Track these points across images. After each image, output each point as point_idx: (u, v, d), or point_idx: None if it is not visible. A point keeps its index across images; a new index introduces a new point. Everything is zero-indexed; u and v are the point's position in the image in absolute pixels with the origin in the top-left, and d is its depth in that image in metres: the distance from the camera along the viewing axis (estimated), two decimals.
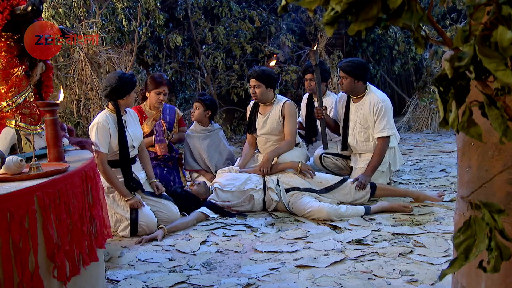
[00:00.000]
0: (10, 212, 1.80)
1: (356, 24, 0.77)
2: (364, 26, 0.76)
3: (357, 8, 0.76)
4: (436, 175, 4.72)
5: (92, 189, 2.38)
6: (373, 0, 0.75)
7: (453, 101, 0.80)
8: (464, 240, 0.77)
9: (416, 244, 2.92)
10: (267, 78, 4.09)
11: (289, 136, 4.11)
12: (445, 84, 0.80)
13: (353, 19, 0.77)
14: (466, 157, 1.84)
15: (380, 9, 0.75)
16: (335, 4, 0.75)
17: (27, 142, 2.48)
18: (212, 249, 3.10)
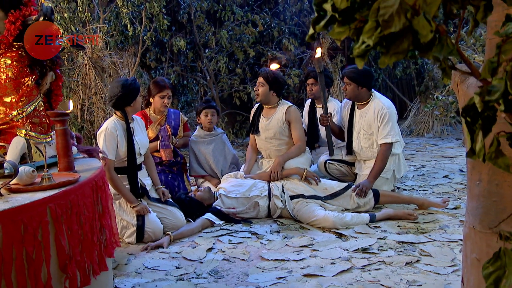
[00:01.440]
0: (23, 224, 1.81)
1: (387, 57, 0.78)
2: (394, 60, 0.77)
3: (387, 41, 0.77)
4: (440, 182, 4.74)
5: (102, 198, 2.39)
6: (404, 34, 0.76)
7: (480, 131, 0.81)
8: (494, 272, 0.78)
9: (422, 253, 2.94)
10: (274, 80, 4.10)
11: (299, 141, 4.13)
12: (472, 115, 0.81)
13: (384, 52, 0.78)
14: (476, 170, 1.85)
15: (410, 42, 0.77)
16: (367, 38, 0.76)
17: (37, 151, 2.49)
18: (219, 256, 3.11)
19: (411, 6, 0.76)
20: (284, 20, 8.02)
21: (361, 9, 0.83)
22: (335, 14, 0.81)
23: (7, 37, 2.34)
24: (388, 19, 0.75)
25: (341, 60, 7.73)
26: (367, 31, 0.77)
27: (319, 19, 0.89)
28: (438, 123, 7.92)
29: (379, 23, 0.76)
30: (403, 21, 0.75)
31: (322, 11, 0.89)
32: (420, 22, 0.75)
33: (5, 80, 2.42)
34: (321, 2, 0.89)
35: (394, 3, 0.74)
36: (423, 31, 0.75)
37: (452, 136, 7.67)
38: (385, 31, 0.75)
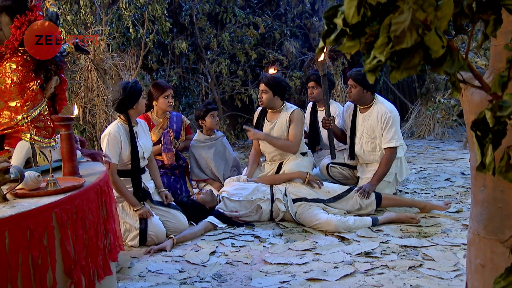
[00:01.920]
0: (30, 229, 1.82)
1: (398, 72, 0.79)
2: (406, 75, 0.78)
3: (399, 56, 0.78)
4: (441, 185, 4.74)
5: (106, 202, 2.40)
6: (415, 49, 0.77)
7: (490, 145, 0.82)
8: (506, 286, 0.79)
9: (425, 257, 2.94)
10: (276, 86, 4.10)
11: (292, 139, 4.08)
12: (482, 129, 0.82)
13: (395, 67, 0.79)
14: (481, 176, 1.85)
15: (421, 58, 0.77)
16: (379, 54, 0.77)
17: (42, 156, 2.50)
18: (222, 260, 3.11)
19: (422, 21, 0.77)
20: (285, 22, 8.03)
21: (371, 23, 0.84)
22: (346, 28, 0.82)
23: (13, 42, 2.35)
24: (400, 35, 0.75)
25: (343, 62, 7.74)
26: (378, 47, 0.78)
27: (329, 32, 0.90)
28: (439, 125, 7.93)
29: (391, 38, 0.77)
30: (415, 37, 0.75)
31: (332, 24, 0.90)
32: (432, 38, 0.76)
33: (10, 85, 2.43)
34: (331, 15, 0.89)
35: (405, 19, 0.75)
36: (434, 46, 0.76)
37: (453, 138, 7.68)
38: (397, 47, 0.76)
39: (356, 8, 0.79)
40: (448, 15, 0.79)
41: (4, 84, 2.43)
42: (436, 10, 0.78)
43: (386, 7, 0.80)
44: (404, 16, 0.75)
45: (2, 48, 2.38)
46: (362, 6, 0.80)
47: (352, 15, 0.79)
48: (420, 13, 0.77)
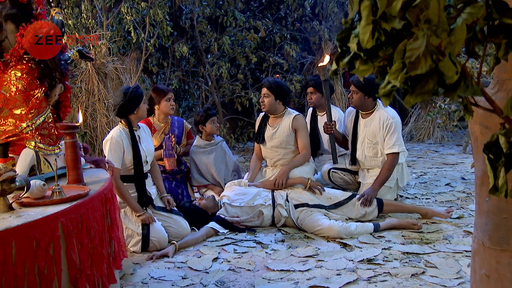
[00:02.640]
0: (36, 239, 1.83)
1: (412, 96, 0.80)
2: (420, 100, 0.79)
3: (413, 81, 0.79)
4: (442, 190, 4.76)
5: (111, 210, 2.41)
6: (430, 75, 0.78)
7: (503, 168, 0.83)
8: None
9: (427, 265, 2.95)
10: (278, 90, 4.12)
11: (304, 149, 4.14)
12: (495, 152, 0.83)
13: (409, 91, 0.80)
14: (486, 187, 1.86)
15: (436, 83, 0.78)
16: (393, 79, 0.78)
17: (46, 163, 2.50)
18: (224, 266, 3.12)
19: (436, 47, 0.78)
20: (285, 26, 8.04)
21: (384, 47, 0.85)
22: (360, 53, 0.83)
23: (18, 50, 2.36)
24: (415, 61, 0.76)
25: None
26: (393, 72, 0.79)
27: (342, 54, 0.91)
28: (439, 129, 7.95)
29: (405, 64, 0.78)
30: (430, 63, 0.76)
31: (344, 47, 0.91)
32: (446, 64, 0.77)
33: (15, 93, 2.43)
34: (344, 38, 0.90)
35: (420, 46, 0.76)
36: (448, 72, 0.77)
37: (452, 142, 7.70)
38: (412, 73, 0.77)
39: (371, 33, 0.80)
40: (461, 40, 0.80)
41: (9, 92, 2.43)
42: (450, 35, 0.79)
43: (400, 32, 0.81)
44: (419, 43, 0.76)
45: (7, 56, 2.39)
46: (377, 31, 0.81)
47: (367, 40, 0.80)
48: (434, 38, 0.78)
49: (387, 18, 0.80)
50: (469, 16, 0.83)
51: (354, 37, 0.86)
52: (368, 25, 0.79)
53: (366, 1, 0.79)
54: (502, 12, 0.85)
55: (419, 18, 0.77)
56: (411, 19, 0.78)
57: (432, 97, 0.82)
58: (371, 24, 0.79)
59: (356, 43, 0.83)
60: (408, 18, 0.78)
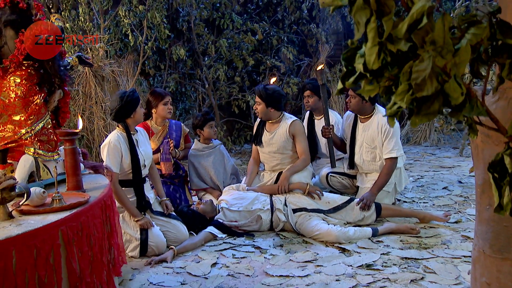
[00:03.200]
0: (36, 248, 1.83)
1: (418, 117, 0.80)
2: (426, 120, 0.80)
3: (419, 102, 0.80)
4: (439, 194, 4.77)
5: (110, 217, 2.41)
6: (435, 96, 0.78)
7: (507, 187, 0.84)
8: None
9: (426, 270, 2.96)
10: (269, 97, 4.10)
11: (304, 154, 4.15)
12: (500, 171, 0.84)
13: (415, 112, 0.81)
14: (486, 195, 1.87)
15: (441, 103, 0.79)
16: (399, 100, 0.79)
17: (45, 169, 2.50)
18: (223, 272, 3.12)
19: (442, 68, 0.78)
20: (282, 29, 8.05)
21: (389, 67, 0.85)
22: (366, 73, 0.83)
23: (17, 56, 2.36)
24: (421, 83, 0.77)
25: (340, 69, 7.77)
26: (399, 93, 0.79)
27: (348, 74, 0.91)
28: (435, 132, 7.97)
29: (411, 85, 0.79)
30: (435, 85, 0.77)
31: (350, 66, 0.92)
32: (452, 85, 0.78)
33: (14, 99, 2.43)
34: (349, 57, 0.91)
35: (426, 68, 0.77)
36: (454, 94, 0.78)
37: (449, 145, 7.72)
38: (418, 94, 0.78)
39: (377, 55, 0.80)
40: (466, 61, 0.81)
41: (8, 98, 2.43)
42: (454, 56, 0.80)
43: (405, 53, 0.82)
44: (425, 65, 0.77)
45: (6, 62, 2.39)
46: (382, 52, 0.81)
47: (373, 61, 0.80)
48: (439, 59, 0.79)
49: (393, 40, 0.80)
50: (473, 37, 0.84)
51: (359, 57, 0.86)
52: (374, 46, 0.80)
53: (372, 23, 0.80)
54: (505, 32, 0.86)
55: (425, 40, 0.78)
56: (416, 41, 0.78)
57: (437, 116, 0.82)
58: (377, 46, 0.80)
59: (362, 63, 0.83)
60: (414, 40, 0.78)
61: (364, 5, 0.80)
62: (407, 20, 0.78)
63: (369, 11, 0.80)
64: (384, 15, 0.81)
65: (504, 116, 1.55)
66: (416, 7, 0.77)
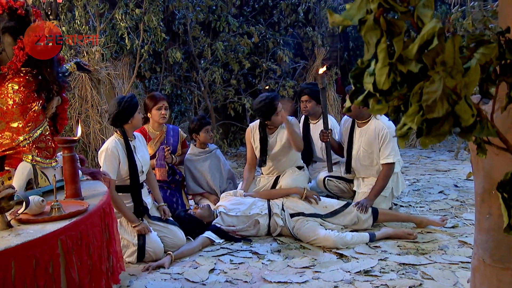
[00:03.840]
0: (35, 258, 1.81)
1: (428, 138, 0.80)
2: (436, 141, 0.80)
3: (429, 123, 0.80)
4: (435, 198, 4.78)
5: (109, 225, 2.40)
6: (446, 117, 0.78)
7: None
8: None
9: (424, 276, 2.96)
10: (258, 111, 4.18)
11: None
12: (509, 190, 0.84)
13: (425, 133, 0.80)
14: (486, 204, 1.87)
15: (452, 125, 0.79)
16: (409, 122, 0.79)
17: (43, 176, 2.48)
18: (221, 278, 3.11)
19: (452, 89, 0.78)
20: (279, 31, 8.06)
21: (398, 86, 0.85)
22: (376, 93, 0.83)
23: (16, 63, 2.34)
24: (432, 104, 0.77)
25: (336, 72, 7.78)
26: (409, 115, 0.79)
27: (356, 92, 0.91)
28: None
29: (422, 107, 0.78)
30: (446, 107, 0.77)
31: (358, 84, 0.92)
32: (462, 107, 0.78)
33: (12, 106, 2.41)
34: (357, 75, 0.91)
35: (437, 89, 0.77)
36: (465, 115, 0.78)
37: (444, 148, 7.75)
38: (428, 116, 0.77)
39: (387, 75, 0.80)
40: (476, 80, 0.81)
41: (6, 105, 2.41)
42: (464, 76, 0.80)
43: (415, 73, 0.82)
44: (436, 86, 0.77)
45: (4, 69, 2.37)
46: (392, 72, 0.81)
47: (383, 82, 0.80)
48: (449, 80, 0.79)
49: (403, 60, 0.80)
50: (482, 57, 0.84)
51: (368, 76, 0.86)
52: (385, 67, 0.80)
53: (383, 43, 0.80)
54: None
55: (435, 61, 0.78)
56: (427, 62, 0.78)
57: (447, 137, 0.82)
58: (388, 66, 0.80)
59: (372, 83, 0.83)
60: (425, 61, 0.78)
61: (374, 25, 0.80)
62: (417, 41, 0.78)
63: (380, 31, 0.80)
64: (394, 35, 0.80)
65: (504, 126, 1.56)
66: (426, 28, 0.77)
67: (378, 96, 0.84)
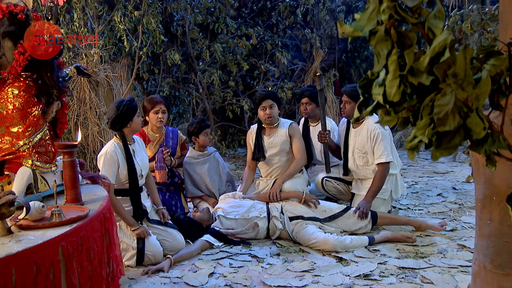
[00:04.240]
0: (36, 265, 1.80)
1: (439, 150, 0.80)
2: (447, 154, 0.79)
3: (439, 136, 0.79)
4: (434, 200, 4.79)
5: (109, 230, 2.38)
6: (457, 130, 0.78)
7: None
8: None
9: (424, 280, 2.96)
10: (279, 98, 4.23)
11: (299, 154, 4.16)
12: None
13: (435, 145, 0.80)
14: (487, 210, 1.87)
15: (463, 137, 0.79)
16: (420, 135, 0.78)
17: (43, 181, 2.47)
18: (221, 282, 3.10)
19: (464, 102, 0.78)
20: (277, 33, 8.06)
21: (408, 96, 0.85)
22: (386, 105, 0.83)
23: (16, 68, 2.33)
24: (443, 117, 0.77)
25: (334, 74, 7.78)
26: (420, 128, 0.79)
27: (365, 102, 0.91)
28: None
29: (433, 119, 0.78)
30: (458, 120, 0.77)
31: (367, 94, 0.91)
32: (474, 120, 0.77)
33: (12, 110, 2.40)
34: (365, 85, 0.90)
35: (449, 102, 0.76)
36: (476, 128, 0.77)
37: None
38: (440, 129, 0.77)
39: (398, 87, 0.80)
40: (486, 92, 0.81)
41: (5, 110, 2.40)
42: (475, 88, 0.80)
43: (426, 85, 0.81)
44: (447, 99, 0.76)
45: (4, 73, 2.35)
46: (402, 84, 0.81)
47: (394, 94, 0.80)
48: (460, 92, 0.78)
49: (414, 73, 0.80)
50: (492, 68, 0.84)
51: (378, 86, 0.86)
52: (396, 79, 0.79)
53: (394, 55, 0.79)
54: None
55: (446, 73, 0.78)
56: (438, 75, 0.78)
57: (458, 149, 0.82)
58: (398, 78, 0.79)
59: (382, 94, 0.83)
60: (436, 73, 0.78)
61: (385, 37, 0.79)
62: (429, 53, 0.78)
63: (390, 42, 0.80)
64: (405, 46, 0.80)
65: (505, 132, 1.56)
66: (438, 40, 0.77)
67: (388, 108, 0.84)
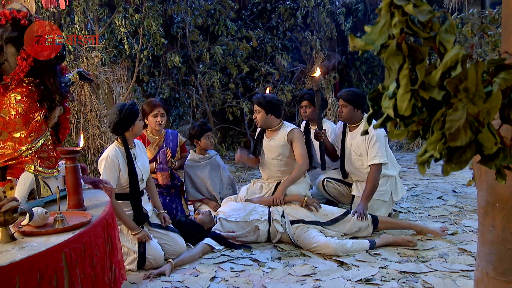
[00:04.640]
0: (40, 272, 1.79)
1: (449, 165, 0.80)
2: (457, 169, 0.79)
3: (450, 151, 0.79)
4: (434, 203, 4.79)
5: (112, 235, 2.38)
6: (468, 145, 0.78)
7: None
8: None
9: (425, 285, 2.96)
10: (267, 104, 4.11)
11: (301, 159, 4.12)
12: None
13: (446, 160, 0.80)
14: (490, 217, 1.87)
15: (474, 152, 0.79)
16: (431, 150, 0.78)
17: (45, 187, 2.46)
18: (222, 286, 3.10)
19: (475, 117, 0.78)
20: (277, 35, 8.06)
21: (418, 110, 0.85)
22: (396, 119, 0.83)
23: (19, 74, 2.32)
24: (455, 132, 0.77)
25: (334, 77, 7.79)
26: (432, 142, 0.79)
27: (374, 114, 0.91)
28: None
29: (444, 134, 0.78)
30: (470, 135, 0.77)
31: (376, 106, 0.91)
32: (485, 135, 0.77)
33: (15, 116, 2.39)
34: (375, 97, 0.90)
35: (460, 117, 0.76)
36: (488, 144, 0.77)
37: None
38: (451, 144, 0.77)
39: (409, 101, 0.80)
40: (497, 107, 0.81)
41: (8, 115, 2.39)
42: (485, 102, 0.80)
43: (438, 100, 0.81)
44: (459, 114, 0.76)
45: (7, 79, 2.35)
46: (413, 98, 0.81)
47: (405, 108, 0.80)
48: (471, 106, 0.78)
49: (425, 87, 0.80)
50: (503, 82, 0.84)
51: (387, 99, 0.86)
52: (407, 93, 0.79)
53: (405, 69, 0.79)
54: None
55: (458, 88, 0.78)
56: (450, 89, 0.78)
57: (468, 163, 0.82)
58: (410, 93, 0.79)
59: (393, 108, 0.83)
60: (447, 88, 0.78)
61: (397, 51, 0.79)
62: (440, 68, 0.78)
63: (402, 57, 0.80)
64: (416, 61, 0.80)
65: (508, 137, 1.56)
66: (449, 55, 0.77)
67: (398, 122, 0.84)
